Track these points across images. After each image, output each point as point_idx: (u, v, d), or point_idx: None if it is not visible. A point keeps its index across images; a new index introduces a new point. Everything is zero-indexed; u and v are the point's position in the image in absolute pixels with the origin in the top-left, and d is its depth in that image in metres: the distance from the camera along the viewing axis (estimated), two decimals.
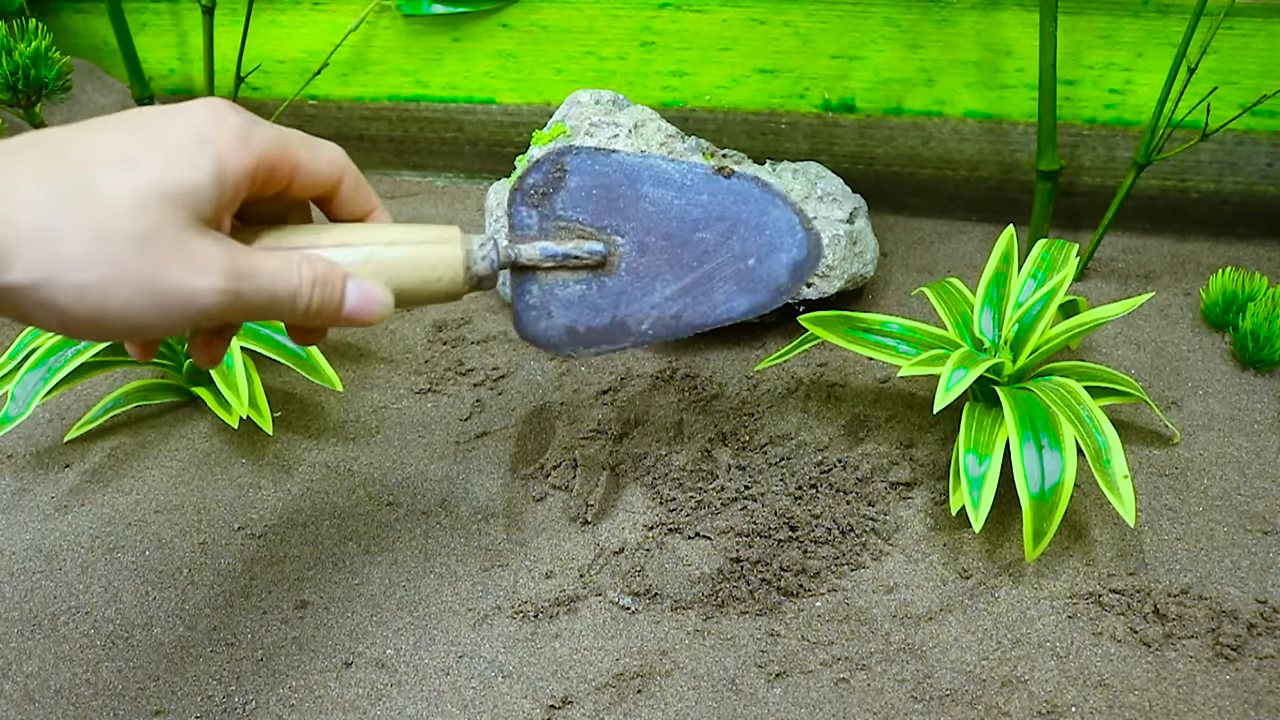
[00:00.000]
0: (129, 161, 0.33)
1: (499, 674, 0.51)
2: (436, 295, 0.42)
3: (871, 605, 0.54)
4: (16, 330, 0.77)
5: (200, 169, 0.34)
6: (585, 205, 0.47)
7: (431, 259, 0.41)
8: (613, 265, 0.48)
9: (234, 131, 0.36)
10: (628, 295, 0.48)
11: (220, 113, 0.36)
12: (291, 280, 0.37)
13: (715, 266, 0.49)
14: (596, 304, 0.47)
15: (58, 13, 0.99)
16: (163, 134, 0.35)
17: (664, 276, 0.48)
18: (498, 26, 0.89)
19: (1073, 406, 0.55)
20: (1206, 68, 0.72)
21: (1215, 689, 0.49)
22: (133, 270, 0.33)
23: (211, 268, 0.34)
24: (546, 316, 0.47)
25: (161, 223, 0.33)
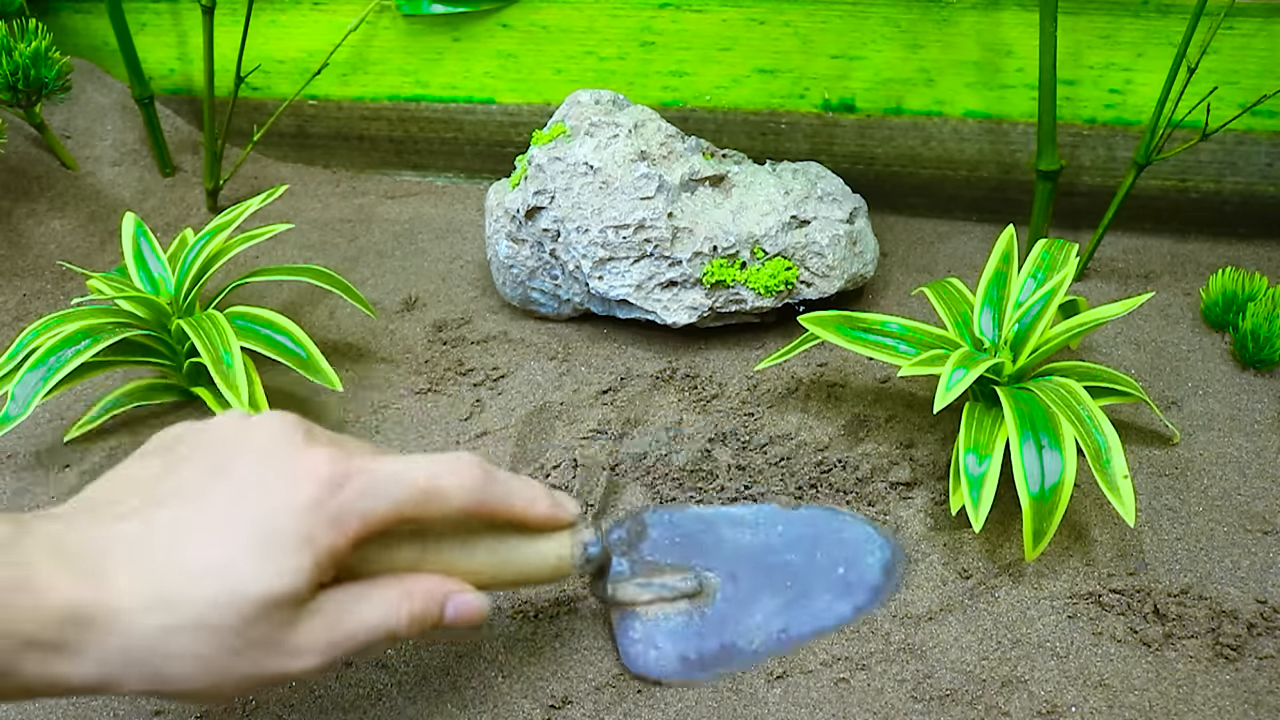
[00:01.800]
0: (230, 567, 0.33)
1: (499, 674, 0.51)
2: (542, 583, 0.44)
3: None
4: (16, 330, 0.77)
5: (301, 569, 0.34)
6: (670, 551, 0.51)
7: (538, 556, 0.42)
8: (709, 596, 0.51)
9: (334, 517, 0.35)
10: (731, 619, 0.51)
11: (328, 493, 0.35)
12: (388, 624, 0.37)
13: (809, 581, 0.52)
14: (702, 631, 0.50)
15: (58, 13, 0.99)
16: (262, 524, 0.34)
17: (761, 598, 0.51)
18: (498, 26, 0.90)
19: (1073, 406, 0.55)
20: (1206, 68, 0.72)
21: (1215, 689, 0.49)
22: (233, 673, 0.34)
23: (311, 649, 0.35)
24: (654, 649, 0.49)
25: (261, 631, 0.34)
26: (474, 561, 0.40)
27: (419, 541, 0.39)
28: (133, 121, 0.98)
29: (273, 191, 0.73)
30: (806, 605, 0.52)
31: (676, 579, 0.51)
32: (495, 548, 0.41)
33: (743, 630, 0.50)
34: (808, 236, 0.72)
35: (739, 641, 0.50)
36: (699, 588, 0.51)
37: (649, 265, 0.70)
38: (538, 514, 0.41)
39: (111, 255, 0.87)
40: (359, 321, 0.79)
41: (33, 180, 0.89)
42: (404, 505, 0.37)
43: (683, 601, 0.51)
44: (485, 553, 0.41)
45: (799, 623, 0.51)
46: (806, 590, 0.52)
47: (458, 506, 0.38)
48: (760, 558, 0.52)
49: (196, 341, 0.62)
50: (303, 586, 0.34)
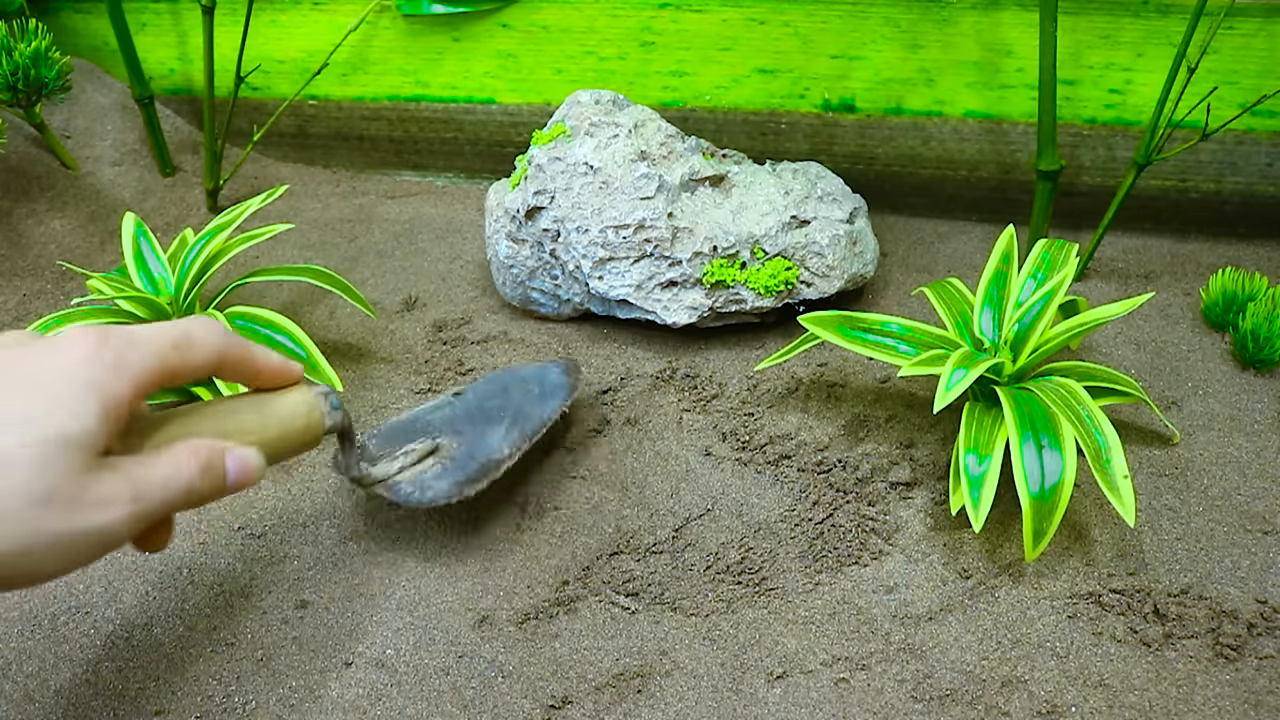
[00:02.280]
0: (20, 419, 0.34)
1: (499, 674, 0.51)
2: (302, 443, 0.46)
3: (871, 605, 0.54)
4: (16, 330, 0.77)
5: (89, 413, 0.35)
6: (390, 445, 0.58)
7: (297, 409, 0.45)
8: (446, 449, 0.58)
9: (110, 365, 0.36)
10: (476, 449, 0.58)
11: (96, 348, 0.36)
12: (183, 477, 0.38)
13: (516, 405, 0.61)
14: (459, 465, 0.57)
15: (58, 13, 0.99)
16: (46, 380, 0.35)
17: (488, 430, 0.59)
18: (498, 26, 0.90)
19: (1073, 406, 0.55)
20: (1206, 68, 0.72)
21: (1215, 689, 0.49)
22: (42, 530, 0.33)
23: (114, 500, 0.35)
24: (429, 489, 0.55)
25: (62, 475, 0.34)
26: (239, 420, 0.43)
27: (184, 420, 0.42)
28: (133, 121, 0.98)
29: (273, 191, 0.73)
30: (524, 417, 0.60)
31: (413, 445, 0.57)
32: (254, 403, 0.44)
33: (489, 449, 0.58)
34: (808, 236, 0.72)
35: (493, 455, 0.57)
36: (435, 445, 0.58)
37: (649, 265, 0.70)
38: (273, 363, 0.44)
39: (111, 255, 0.87)
40: (359, 321, 0.79)
41: (33, 180, 0.89)
42: (164, 353, 0.39)
43: (429, 459, 0.57)
44: (246, 411, 0.43)
45: (529, 426, 0.60)
46: (518, 409, 0.61)
47: (209, 351, 0.41)
48: (469, 415, 0.60)
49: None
50: (94, 429, 0.35)
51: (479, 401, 0.62)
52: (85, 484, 0.34)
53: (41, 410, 0.34)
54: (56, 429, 0.34)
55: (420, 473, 0.56)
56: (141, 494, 0.36)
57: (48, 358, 0.36)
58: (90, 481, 0.35)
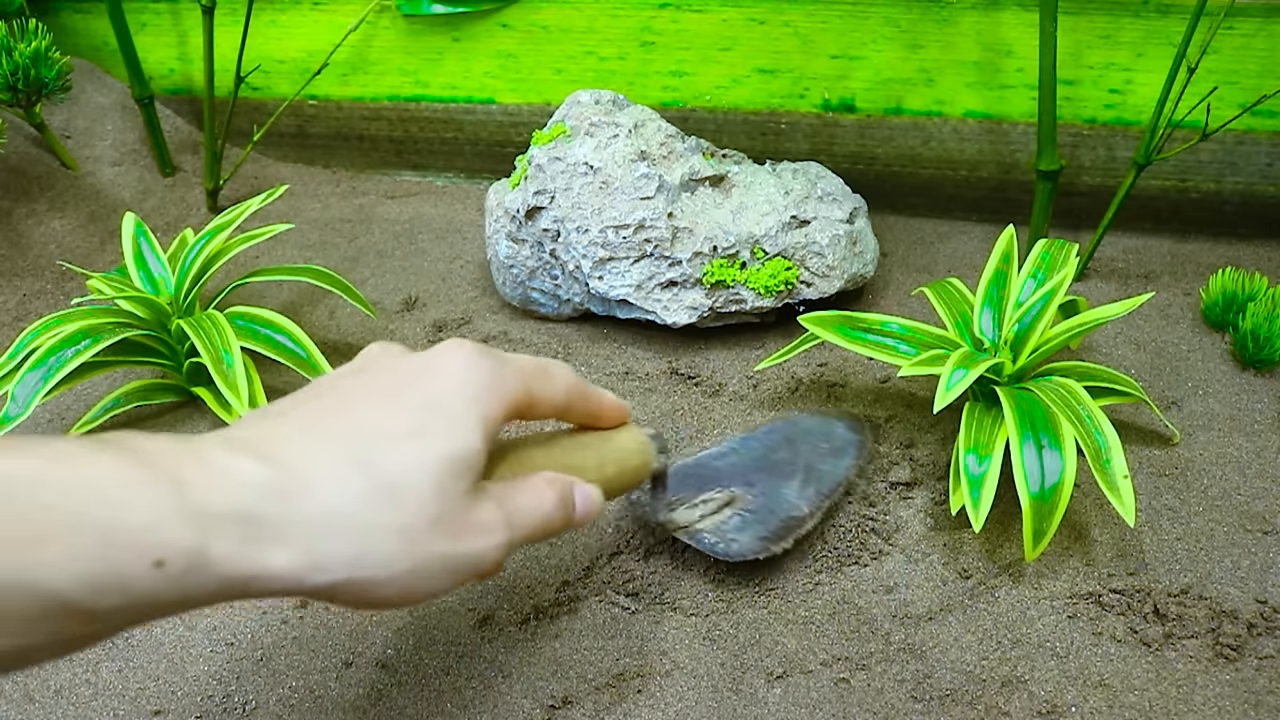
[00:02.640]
0: (415, 433, 0.33)
1: (499, 674, 0.51)
2: (632, 484, 0.47)
3: (871, 605, 0.54)
4: (16, 330, 0.77)
5: (475, 432, 0.34)
6: (685, 490, 0.57)
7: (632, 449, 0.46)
8: (741, 500, 0.56)
9: (488, 381, 0.36)
10: (773, 503, 0.56)
11: (475, 361, 0.36)
12: (544, 508, 0.38)
13: (807, 459, 0.59)
14: (758, 519, 0.55)
15: (58, 13, 0.99)
16: (432, 395, 0.35)
17: (782, 484, 0.57)
18: (498, 26, 0.90)
19: (1073, 406, 0.55)
20: (1206, 68, 0.72)
21: (1215, 689, 0.49)
22: (434, 552, 0.33)
23: (493, 527, 0.35)
24: (735, 541, 0.54)
25: (453, 498, 0.34)
26: (586, 456, 0.43)
27: (535, 449, 0.42)
28: (133, 121, 0.98)
29: (273, 191, 0.73)
30: (819, 473, 0.58)
31: (709, 494, 0.56)
32: (596, 440, 0.45)
33: (788, 506, 0.56)
34: (808, 236, 0.72)
35: (792, 513, 0.56)
36: (731, 497, 0.56)
37: (649, 265, 0.70)
38: (612, 403, 0.44)
39: (111, 255, 0.87)
40: (359, 321, 0.79)
41: (33, 180, 0.89)
42: (530, 379, 0.39)
43: (725, 510, 0.56)
44: (593, 446, 0.44)
45: (824, 484, 0.58)
46: (809, 465, 0.59)
47: (563, 387, 0.41)
48: (758, 465, 0.59)
49: (196, 341, 0.62)
50: (478, 448, 0.34)
51: (765, 453, 0.60)
52: (471, 507, 0.34)
53: (433, 426, 0.34)
54: (449, 448, 0.34)
55: (720, 523, 0.55)
56: (514, 522, 0.36)
57: (431, 370, 0.36)
58: (475, 505, 0.34)
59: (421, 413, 0.34)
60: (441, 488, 0.33)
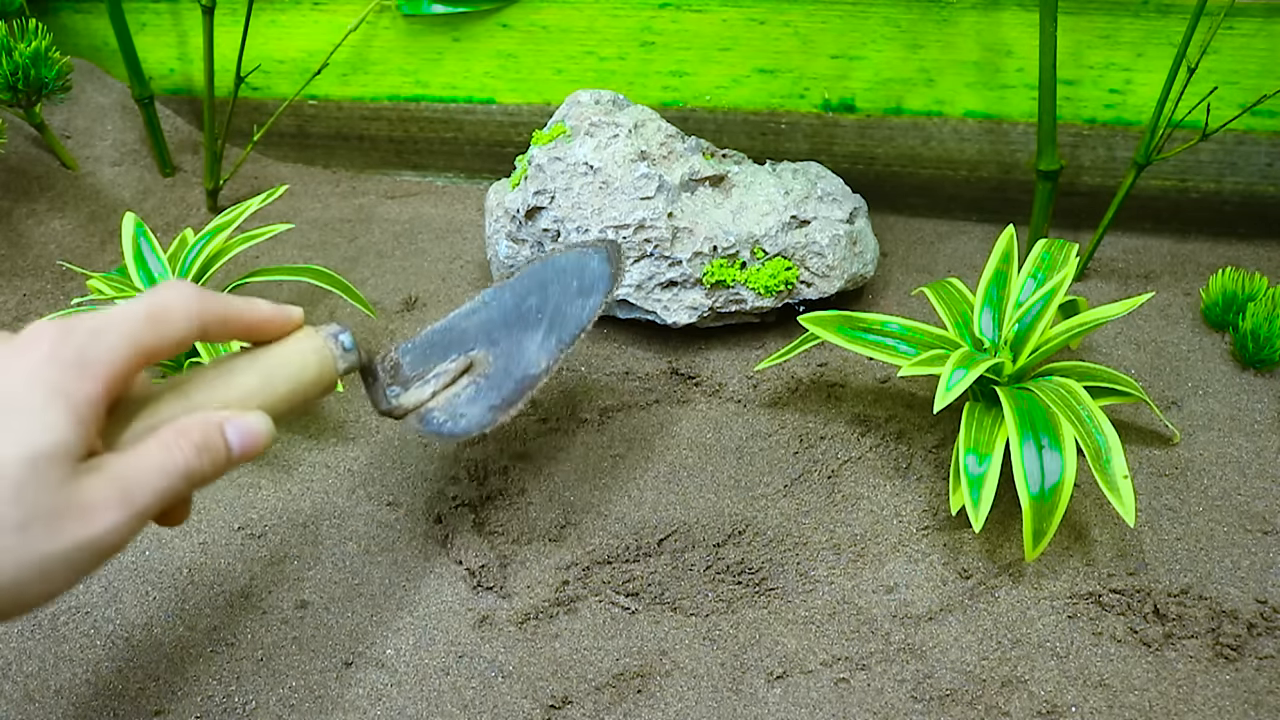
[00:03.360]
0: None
1: (499, 674, 0.51)
2: (318, 393, 0.43)
3: (871, 605, 0.54)
4: (16, 330, 0.77)
5: (57, 425, 0.32)
6: (427, 359, 0.52)
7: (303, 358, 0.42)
8: (481, 364, 0.52)
9: (73, 363, 0.33)
10: (512, 363, 0.53)
11: (56, 347, 0.34)
12: (177, 462, 0.35)
13: (555, 304, 0.56)
14: (493, 385, 0.52)
15: (58, 13, 0.99)
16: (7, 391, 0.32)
17: (525, 338, 0.54)
18: (498, 26, 0.90)
19: (1073, 406, 0.55)
20: (1206, 68, 0.72)
21: (1215, 689, 0.49)
22: (29, 555, 0.31)
23: (102, 506, 0.33)
24: (462, 418, 0.50)
25: (42, 493, 0.31)
26: (242, 385, 0.39)
27: (178, 394, 0.38)
28: (133, 121, 0.98)
29: (273, 191, 0.73)
30: (563, 318, 0.55)
31: (445, 365, 0.52)
32: (254, 362, 0.40)
33: (526, 363, 0.53)
34: (808, 236, 0.72)
35: (529, 371, 0.52)
36: (469, 362, 0.52)
37: (649, 265, 0.70)
38: (264, 313, 0.40)
39: (111, 255, 0.87)
40: (359, 321, 0.79)
41: (33, 180, 0.89)
42: (137, 335, 0.35)
43: (463, 379, 0.52)
44: (247, 370, 0.40)
45: (566, 330, 0.54)
46: (556, 310, 0.55)
47: (186, 318, 0.37)
48: (506, 319, 0.55)
49: (196, 341, 0.62)
50: (68, 438, 0.32)
51: (516, 301, 0.56)
52: (66, 497, 0.32)
53: (9, 427, 0.32)
54: (22, 450, 0.31)
55: (454, 397, 0.51)
56: (131, 493, 0.34)
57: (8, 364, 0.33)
58: (72, 493, 0.32)
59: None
60: (22, 488, 0.31)
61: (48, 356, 0.33)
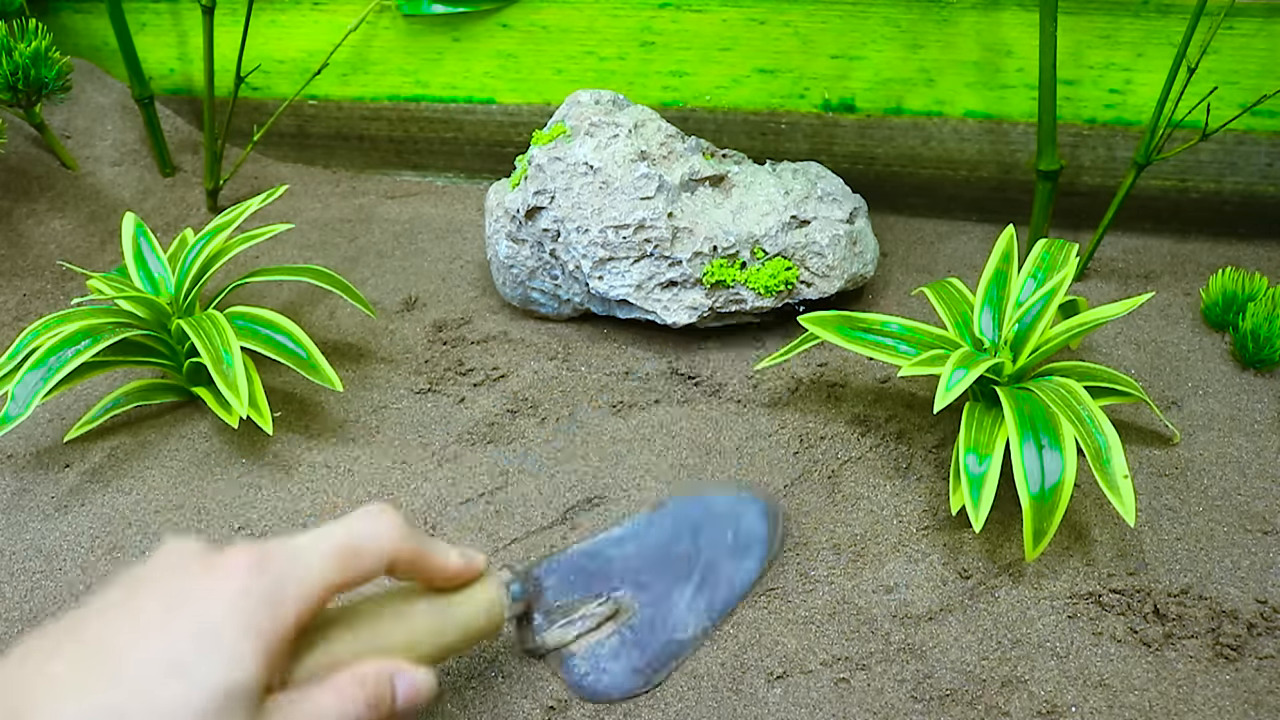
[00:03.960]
0: (178, 667, 0.31)
1: (499, 674, 0.51)
2: (478, 639, 0.43)
3: (871, 605, 0.54)
4: (16, 330, 0.77)
5: (249, 660, 0.32)
6: (572, 589, 0.50)
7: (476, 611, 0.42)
8: (628, 611, 0.51)
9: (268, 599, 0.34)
10: (659, 620, 0.51)
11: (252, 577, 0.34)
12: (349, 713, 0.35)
13: (708, 559, 0.54)
14: (638, 641, 0.51)
15: (58, 13, 0.99)
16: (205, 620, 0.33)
17: (675, 592, 0.52)
18: (498, 26, 0.90)
19: (1073, 406, 0.55)
20: (1206, 68, 0.72)
21: (1215, 689, 0.49)
22: None
23: None
24: (605, 674, 0.50)
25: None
26: (414, 630, 0.40)
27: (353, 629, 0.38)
28: (133, 121, 0.98)
29: (273, 191, 0.73)
30: (716, 578, 0.53)
31: (593, 607, 0.50)
32: (430, 609, 0.41)
33: (674, 624, 0.52)
34: (808, 236, 0.72)
35: (676, 634, 0.51)
36: (616, 607, 0.51)
37: (649, 265, 0.70)
38: (455, 562, 0.41)
39: (111, 255, 0.87)
40: (359, 321, 0.79)
41: (33, 180, 0.89)
42: (329, 573, 0.36)
43: (607, 625, 0.51)
44: (423, 616, 0.40)
45: (719, 595, 0.53)
46: (710, 566, 0.54)
47: (379, 559, 0.37)
48: (655, 561, 0.53)
49: (196, 341, 0.62)
50: (256, 676, 0.33)
51: (667, 541, 0.54)
52: None
53: (200, 658, 0.32)
54: (217, 682, 0.32)
55: (596, 645, 0.50)
56: None
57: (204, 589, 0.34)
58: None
59: (189, 642, 0.32)
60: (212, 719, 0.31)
61: (244, 589, 0.34)
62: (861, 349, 0.60)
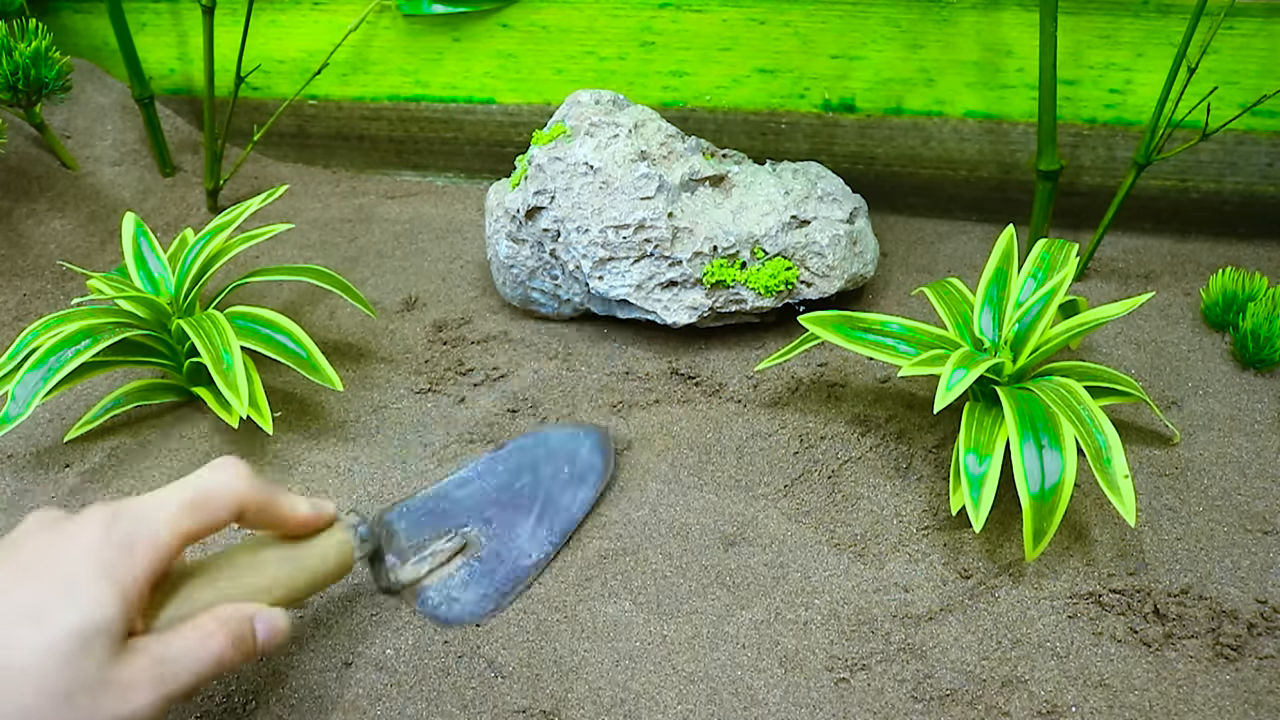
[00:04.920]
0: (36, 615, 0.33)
1: (499, 674, 0.51)
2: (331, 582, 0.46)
3: (871, 605, 0.54)
4: (16, 330, 0.77)
5: (105, 602, 0.34)
6: (422, 530, 0.55)
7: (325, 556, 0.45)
8: (475, 544, 0.56)
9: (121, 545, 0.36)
10: (503, 550, 0.56)
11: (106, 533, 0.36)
12: (212, 651, 0.37)
13: (547, 491, 0.59)
14: (485, 571, 0.55)
15: (58, 13, 0.99)
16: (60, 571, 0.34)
17: (518, 523, 0.57)
18: (498, 26, 0.90)
19: (1073, 406, 0.55)
20: (1206, 68, 0.72)
21: (1215, 689, 0.49)
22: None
23: (139, 688, 0.34)
24: (455, 602, 0.54)
25: (83, 669, 0.33)
26: (267, 576, 0.42)
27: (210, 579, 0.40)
28: (133, 121, 0.98)
29: (273, 191, 0.73)
30: (555, 508, 0.58)
31: (441, 544, 0.55)
32: (281, 556, 0.43)
33: (518, 553, 0.56)
34: (808, 236, 0.72)
35: (520, 561, 0.56)
36: (464, 542, 0.56)
37: (649, 265, 0.70)
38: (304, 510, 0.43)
39: (111, 255, 0.87)
40: (359, 321, 0.79)
41: (33, 180, 0.89)
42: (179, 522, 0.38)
43: (457, 559, 0.55)
44: (275, 563, 0.42)
45: (558, 522, 0.58)
46: (549, 498, 0.59)
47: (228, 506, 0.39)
48: (498, 497, 0.58)
49: (196, 341, 0.62)
50: (115, 616, 0.34)
51: (508, 479, 0.59)
52: (107, 674, 0.34)
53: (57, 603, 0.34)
54: (73, 623, 0.33)
55: (448, 578, 0.54)
56: (166, 676, 0.36)
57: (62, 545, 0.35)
58: (112, 670, 0.34)
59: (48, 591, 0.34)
60: (68, 662, 0.33)
61: (99, 541, 0.35)
62: (861, 349, 0.60)
